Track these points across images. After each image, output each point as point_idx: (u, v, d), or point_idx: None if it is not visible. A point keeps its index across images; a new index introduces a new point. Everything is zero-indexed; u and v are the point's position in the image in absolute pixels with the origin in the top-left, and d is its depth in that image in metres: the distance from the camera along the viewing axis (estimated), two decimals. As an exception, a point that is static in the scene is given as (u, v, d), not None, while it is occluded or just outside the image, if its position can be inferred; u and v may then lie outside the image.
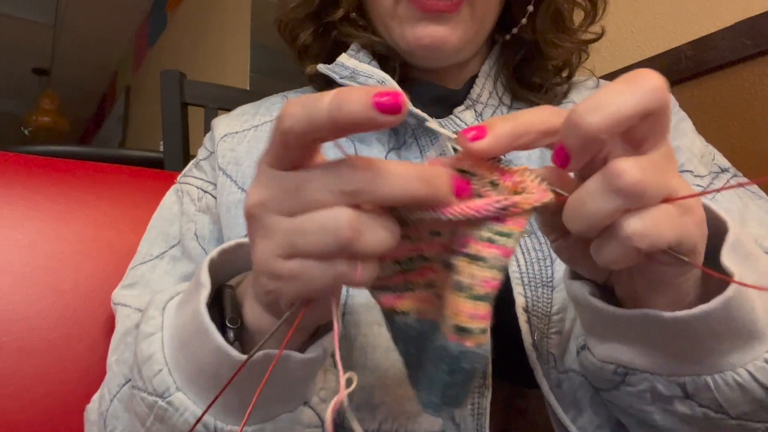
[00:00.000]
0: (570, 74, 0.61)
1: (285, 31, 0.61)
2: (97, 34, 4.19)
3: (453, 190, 0.28)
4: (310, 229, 0.26)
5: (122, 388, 0.43)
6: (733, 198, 0.51)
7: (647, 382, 0.36)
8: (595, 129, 0.26)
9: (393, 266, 0.32)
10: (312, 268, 0.27)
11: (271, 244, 0.28)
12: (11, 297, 0.60)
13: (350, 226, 0.26)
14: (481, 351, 0.29)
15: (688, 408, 0.35)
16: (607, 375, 0.39)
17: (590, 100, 0.26)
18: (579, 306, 0.37)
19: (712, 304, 0.31)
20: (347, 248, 0.26)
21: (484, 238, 0.28)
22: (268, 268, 0.28)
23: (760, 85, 0.77)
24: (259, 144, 0.56)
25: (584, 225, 0.28)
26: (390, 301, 0.32)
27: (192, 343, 0.35)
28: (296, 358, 0.34)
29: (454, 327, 0.29)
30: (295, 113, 0.26)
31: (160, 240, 0.56)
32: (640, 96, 0.26)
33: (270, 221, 0.28)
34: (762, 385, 0.33)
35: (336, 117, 0.25)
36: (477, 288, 0.28)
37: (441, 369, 0.30)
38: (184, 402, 0.35)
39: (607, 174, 0.27)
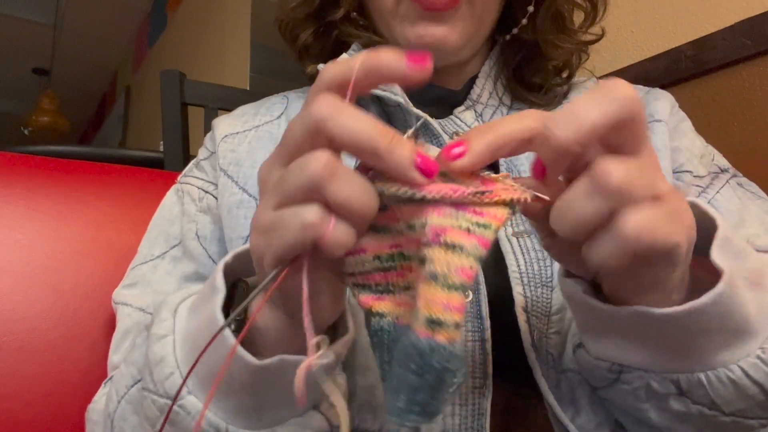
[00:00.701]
0: (570, 75, 0.61)
1: (285, 31, 0.61)
2: (97, 34, 4.19)
3: (414, 161, 0.27)
4: (291, 170, 0.28)
5: (131, 389, 0.42)
6: (732, 198, 0.51)
7: (641, 379, 0.37)
8: (564, 142, 0.26)
9: (373, 262, 0.31)
10: (285, 216, 0.27)
11: (266, 197, 0.29)
12: (11, 297, 0.60)
13: (324, 166, 0.26)
14: (453, 348, 0.27)
15: (682, 405, 0.36)
16: (602, 372, 0.39)
17: (561, 113, 0.27)
18: (573, 304, 0.38)
19: (702, 300, 0.31)
20: (319, 188, 0.26)
21: (462, 227, 0.28)
22: (257, 221, 0.30)
23: (760, 85, 0.77)
24: (259, 144, 0.56)
25: (570, 227, 0.28)
26: (369, 301, 0.32)
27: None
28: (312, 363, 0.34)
29: (426, 319, 0.27)
30: (332, 65, 0.29)
31: (160, 240, 0.56)
32: (608, 107, 0.26)
33: (270, 176, 0.30)
34: (755, 381, 0.34)
35: (371, 63, 0.28)
36: (452, 276, 0.27)
37: (409, 369, 0.28)
38: (196, 405, 0.35)
39: (593, 174, 0.27)
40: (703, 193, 0.52)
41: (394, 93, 0.52)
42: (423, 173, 0.27)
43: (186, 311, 0.39)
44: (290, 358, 0.34)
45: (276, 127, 0.57)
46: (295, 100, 0.61)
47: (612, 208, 0.27)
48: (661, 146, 0.53)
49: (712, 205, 0.51)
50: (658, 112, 0.56)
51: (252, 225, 0.31)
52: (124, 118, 4.34)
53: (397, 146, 0.27)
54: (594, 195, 0.27)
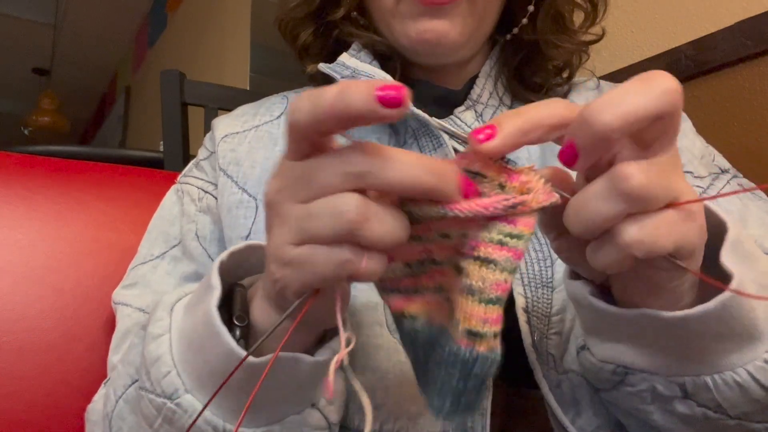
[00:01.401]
0: (570, 75, 0.61)
1: (286, 31, 0.61)
2: (97, 34, 4.19)
3: (460, 187, 0.28)
4: (319, 212, 0.27)
5: (128, 389, 0.42)
6: (733, 199, 0.51)
7: (647, 382, 0.36)
8: (607, 128, 0.26)
9: (403, 269, 0.32)
10: (318, 254, 0.27)
11: (284, 231, 0.28)
12: (11, 297, 0.60)
13: (357, 211, 0.26)
14: (493, 355, 0.28)
15: (687, 408, 0.35)
16: (607, 375, 0.39)
17: (604, 98, 0.26)
18: (579, 306, 0.37)
19: (711, 304, 0.31)
20: (354, 233, 0.26)
21: (494, 240, 0.28)
22: (278, 254, 0.29)
23: (760, 85, 0.77)
24: (259, 144, 0.56)
25: (584, 226, 0.28)
26: (399, 304, 0.32)
27: (203, 346, 0.35)
28: (306, 360, 0.35)
29: (466, 331, 0.28)
30: (302, 107, 0.27)
31: (160, 240, 0.56)
32: (655, 97, 0.26)
33: (284, 208, 0.29)
34: (761, 385, 0.33)
35: (339, 109, 0.25)
36: (488, 291, 0.28)
37: (452, 375, 0.30)
38: (193, 404, 0.35)
39: (614, 177, 0.27)
40: (704, 194, 0.52)
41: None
42: (464, 194, 0.28)
43: (182, 310, 0.39)
44: (287, 355, 0.34)
45: (276, 127, 0.57)
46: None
47: (627, 211, 0.27)
48: None
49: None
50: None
51: (269, 255, 0.30)
52: (124, 118, 4.34)
53: (446, 180, 0.27)
54: (611, 197, 0.27)
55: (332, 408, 0.40)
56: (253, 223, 0.51)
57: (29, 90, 4.78)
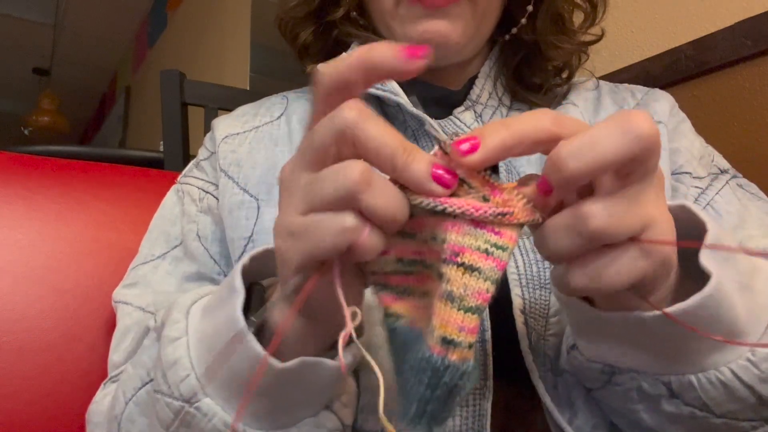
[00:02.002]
0: (570, 75, 0.61)
1: (286, 30, 0.61)
2: (97, 34, 4.19)
3: (431, 173, 0.28)
4: (325, 176, 0.28)
5: (139, 391, 0.42)
6: (732, 199, 0.51)
7: (633, 381, 0.37)
8: (575, 174, 0.26)
9: (396, 264, 0.32)
10: (320, 220, 0.28)
11: (293, 201, 0.29)
12: (11, 297, 0.60)
13: (361, 174, 0.27)
14: (465, 366, 0.28)
15: (674, 407, 0.36)
16: (595, 374, 0.39)
17: (575, 141, 0.27)
18: (566, 306, 0.38)
19: (689, 303, 0.31)
20: (356, 196, 0.27)
21: (481, 249, 0.28)
22: (284, 225, 0.29)
23: (760, 85, 0.77)
24: (260, 145, 0.56)
25: (548, 254, 0.29)
26: (387, 301, 0.32)
27: (225, 350, 0.35)
28: (329, 364, 0.35)
29: (440, 338, 0.28)
30: (328, 66, 0.28)
31: (161, 240, 0.56)
32: (626, 143, 0.26)
33: (295, 180, 0.29)
34: (745, 383, 0.34)
35: (365, 59, 0.27)
36: (469, 299, 0.27)
37: (421, 381, 0.29)
38: (213, 407, 0.35)
39: (576, 215, 0.27)
40: (703, 195, 0.52)
41: (394, 93, 0.52)
42: (441, 185, 0.28)
43: (200, 313, 0.39)
44: (310, 359, 0.34)
45: (276, 128, 0.57)
46: (295, 100, 0.61)
47: (588, 248, 0.28)
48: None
49: (711, 207, 0.51)
50: (658, 114, 0.56)
51: (276, 229, 0.31)
52: (124, 118, 4.34)
53: (414, 160, 0.27)
54: (572, 234, 0.28)
55: (347, 411, 0.40)
56: (255, 224, 0.51)
57: (29, 90, 4.78)
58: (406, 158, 0.27)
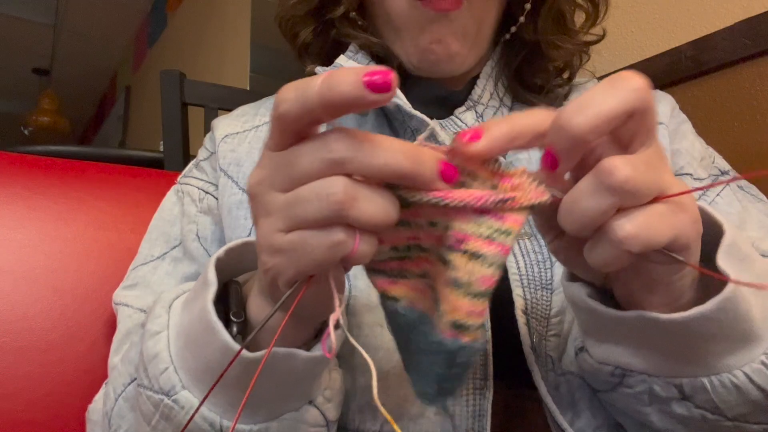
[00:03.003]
0: (571, 76, 0.61)
1: (286, 29, 0.61)
2: (97, 34, 4.19)
3: (439, 173, 0.28)
4: (306, 197, 0.27)
5: (127, 387, 0.43)
6: (732, 201, 0.51)
7: (645, 383, 0.36)
8: (581, 130, 0.26)
9: (390, 252, 0.32)
10: (310, 238, 0.27)
11: (272, 220, 0.28)
12: (11, 297, 0.60)
13: (345, 192, 0.26)
14: (478, 344, 0.29)
15: (685, 409, 0.36)
16: (605, 376, 0.39)
17: (575, 102, 0.27)
18: (577, 308, 0.37)
19: (708, 306, 0.31)
20: (343, 214, 0.26)
21: (483, 235, 0.28)
22: (269, 243, 0.29)
23: (760, 85, 0.77)
24: (259, 144, 0.56)
25: (578, 224, 0.28)
26: (384, 285, 0.33)
27: (199, 342, 0.35)
28: (302, 355, 0.34)
29: (451, 323, 0.29)
30: (288, 97, 0.26)
31: (161, 241, 0.56)
32: (623, 96, 0.27)
33: (269, 198, 0.28)
34: (758, 386, 0.33)
35: (327, 97, 0.25)
36: (475, 285, 0.28)
37: (436, 363, 0.30)
38: (190, 400, 0.35)
39: (599, 172, 0.27)
40: (704, 196, 0.52)
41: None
42: (444, 180, 0.28)
43: (180, 307, 0.39)
44: (281, 350, 0.34)
45: (276, 128, 0.57)
46: (295, 100, 0.61)
47: (617, 205, 0.27)
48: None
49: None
50: (659, 115, 0.56)
51: (261, 245, 0.30)
52: (124, 118, 4.33)
53: (421, 166, 0.27)
54: (599, 192, 0.27)
55: (330, 405, 0.40)
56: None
57: (29, 90, 4.78)
58: (413, 168, 0.27)
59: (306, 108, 0.26)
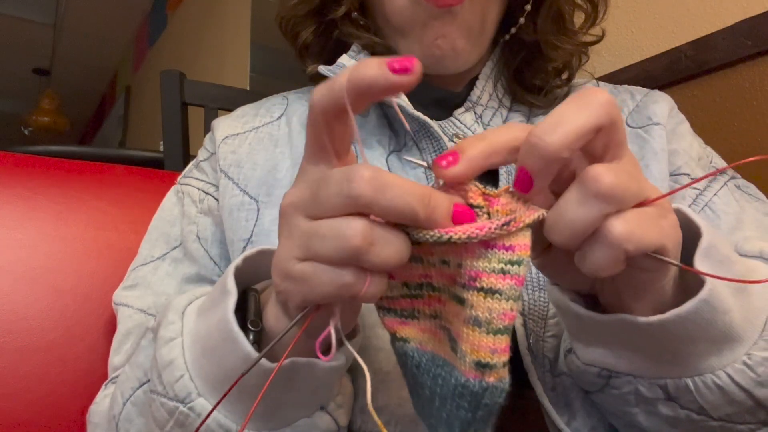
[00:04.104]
0: (570, 77, 0.61)
1: (286, 29, 0.60)
2: (97, 34, 4.19)
3: (451, 215, 0.28)
4: (326, 233, 0.27)
5: (136, 391, 0.42)
6: (730, 201, 0.51)
7: (630, 384, 0.37)
8: (554, 147, 0.27)
9: (401, 289, 0.32)
10: (321, 273, 0.28)
11: (291, 244, 0.29)
12: (11, 297, 0.60)
13: (363, 235, 0.27)
14: (503, 384, 0.29)
15: (670, 410, 0.36)
16: (592, 378, 0.39)
17: (544, 122, 0.28)
18: (561, 311, 0.38)
19: (684, 308, 0.31)
20: (358, 257, 0.27)
21: (496, 269, 0.28)
22: (282, 267, 0.29)
23: (760, 85, 0.77)
24: (260, 146, 0.56)
25: (567, 235, 0.28)
26: (393, 325, 0.33)
27: (218, 351, 0.35)
28: (322, 365, 0.35)
29: (475, 363, 0.28)
30: (319, 90, 0.28)
31: (161, 241, 0.56)
32: (591, 112, 0.27)
33: (294, 222, 0.29)
34: (741, 387, 0.34)
35: (354, 81, 0.27)
36: (496, 322, 0.28)
37: (461, 407, 0.30)
38: (206, 408, 0.35)
39: (585, 180, 0.27)
40: (701, 196, 0.52)
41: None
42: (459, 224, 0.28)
43: (195, 314, 0.39)
44: (301, 360, 0.34)
45: (276, 129, 0.57)
46: (295, 100, 0.61)
47: (604, 212, 0.27)
48: (658, 149, 0.53)
49: (709, 208, 0.51)
50: (657, 115, 0.55)
51: (275, 267, 0.30)
52: (124, 118, 4.33)
53: (435, 209, 0.27)
54: (586, 200, 0.27)
55: (341, 411, 0.40)
56: (255, 225, 0.51)
57: (29, 90, 4.78)
58: (427, 212, 0.27)
59: (335, 94, 0.27)
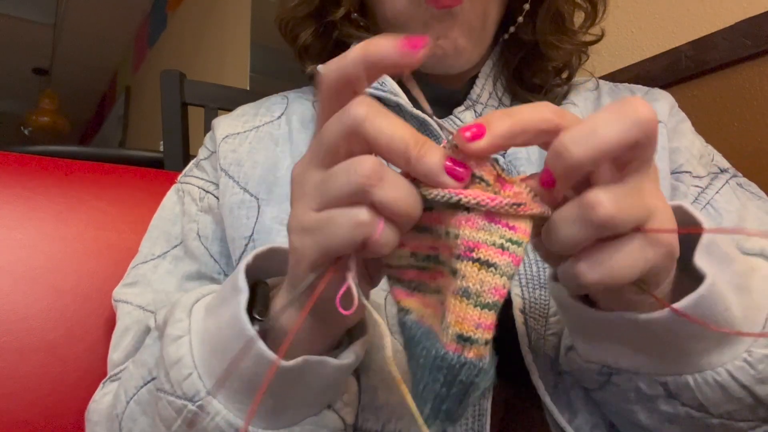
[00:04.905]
0: (570, 76, 0.61)
1: (286, 30, 0.61)
2: (97, 34, 4.19)
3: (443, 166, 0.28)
4: (337, 173, 0.28)
5: (140, 390, 0.42)
6: (731, 199, 0.51)
7: (631, 381, 0.37)
8: (578, 160, 0.26)
9: (410, 258, 0.31)
10: (336, 215, 0.28)
11: (306, 199, 0.30)
12: (11, 297, 0.60)
13: (372, 169, 0.27)
14: (481, 363, 0.28)
15: (671, 407, 0.36)
16: (593, 375, 0.39)
17: (577, 129, 0.27)
18: (562, 308, 0.38)
19: (682, 303, 0.31)
20: (368, 190, 0.27)
21: (496, 244, 0.27)
22: (298, 222, 0.30)
23: (760, 85, 0.77)
24: (260, 145, 0.56)
25: (557, 246, 0.29)
26: (400, 295, 0.32)
27: (229, 349, 0.35)
28: (332, 363, 0.35)
29: (456, 335, 0.27)
30: (330, 64, 0.28)
31: (161, 240, 0.56)
32: (627, 128, 0.26)
33: (307, 177, 0.30)
34: (741, 384, 0.34)
35: (366, 52, 0.27)
36: (485, 295, 0.27)
37: (436, 380, 0.29)
38: (215, 406, 0.35)
39: (583, 204, 0.27)
40: (703, 194, 0.52)
41: (394, 94, 0.52)
42: (454, 177, 0.28)
43: (203, 311, 0.39)
44: (313, 358, 0.34)
45: (276, 128, 0.57)
46: (295, 100, 0.61)
47: (595, 237, 0.27)
48: (659, 147, 0.53)
49: (711, 206, 0.51)
50: (658, 113, 0.55)
51: (290, 226, 0.31)
52: (124, 118, 4.33)
53: (427, 152, 0.27)
54: (580, 223, 0.27)
55: (348, 410, 0.40)
56: (256, 223, 0.51)
57: (29, 90, 4.78)
58: (419, 151, 0.27)
59: (346, 66, 0.28)
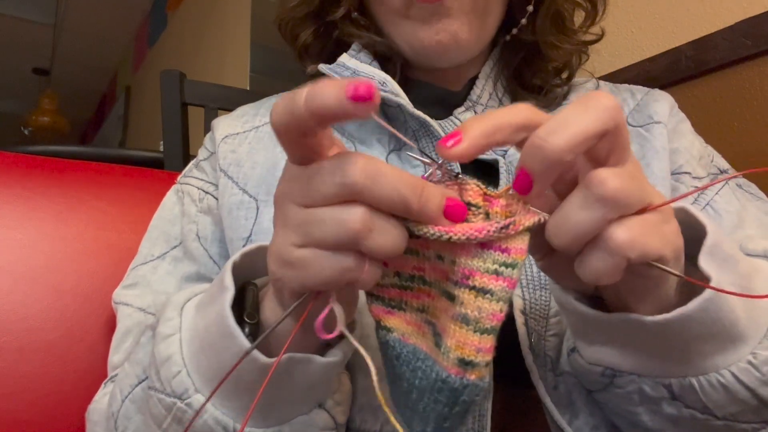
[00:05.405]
0: (570, 76, 0.61)
1: (286, 30, 0.61)
2: (97, 34, 4.19)
3: (443, 209, 0.28)
4: (325, 219, 0.28)
5: (135, 388, 0.42)
6: (731, 200, 0.51)
7: (634, 383, 0.37)
8: (558, 150, 0.27)
9: (393, 278, 0.32)
10: (321, 258, 0.28)
11: (288, 232, 0.29)
12: (11, 297, 0.60)
13: (362, 221, 0.27)
14: (483, 383, 0.29)
15: (675, 409, 0.36)
16: (596, 377, 0.39)
17: (549, 124, 0.27)
18: (565, 310, 0.38)
19: (689, 307, 0.31)
20: (358, 241, 0.27)
21: (490, 270, 0.28)
22: (281, 254, 0.30)
23: (760, 85, 0.77)
24: (260, 145, 0.56)
25: (569, 239, 0.28)
26: (380, 313, 0.33)
27: (216, 346, 0.35)
28: (318, 361, 0.35)
29: (458, 360, 0.29)
30: (277, 109, 0.28)
31: (161, 240, 0.56)
32: (596, 116, 0.27)
33: (289, 210, 0.29)
34: (746, 386, 0.34)
35: (312, 107, 0.26)
36: (484, 321, 0.28)
37: (438, 402, 0.30)
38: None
39: (589, 184, 0.27)
40: (703, 195, 0.52)
41: (395, 94, 0.52)
42: (452, 220, 0.28)
43: (193, 310, 0.39)
44: (298, 356, 0.34)
45: (276, 128, 0.57)
46: (295, 100, 0.61)
47: (608, 217, 0.27)
48: (659, 148, 0.53)
49: (710, 207, 0.51)
50: (658, 114, 0.55)
51: (271, 254, 0.31)
52: (124, 118, 4.33)
53: (427, 202, 0.28)
54: (590, 204, 0.27)
55: (339, 409, 0.40)
56: (254, 224, 0.51)
57: (29, 90, 4.78)
58: (418, 201, 0.28)
59: (294, 118, 0.27)
